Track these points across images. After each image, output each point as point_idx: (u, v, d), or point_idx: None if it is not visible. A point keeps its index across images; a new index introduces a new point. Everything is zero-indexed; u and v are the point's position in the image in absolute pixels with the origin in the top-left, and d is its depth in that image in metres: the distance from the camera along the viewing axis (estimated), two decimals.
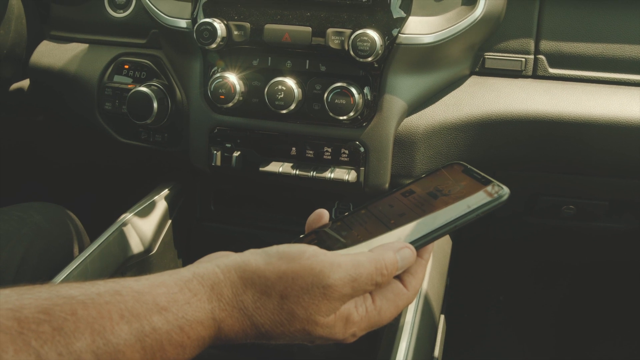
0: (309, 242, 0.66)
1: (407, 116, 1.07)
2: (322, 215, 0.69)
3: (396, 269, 0.62)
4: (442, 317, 1.09)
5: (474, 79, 1.10)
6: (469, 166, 0.71)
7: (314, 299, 0.58)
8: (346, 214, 0.70)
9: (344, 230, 0.68)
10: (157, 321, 0.53)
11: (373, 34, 0.98)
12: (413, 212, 0.67)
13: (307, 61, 1.05)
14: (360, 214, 0.70)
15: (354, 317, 0.60)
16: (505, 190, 0.65)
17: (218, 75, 1.06)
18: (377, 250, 0.62)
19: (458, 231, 1.23)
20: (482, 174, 0.69)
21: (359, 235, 0.66)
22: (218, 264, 0.59)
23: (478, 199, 0.65)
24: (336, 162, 1.08)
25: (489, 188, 0.67)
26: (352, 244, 0.65)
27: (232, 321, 0.57)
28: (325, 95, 1.03)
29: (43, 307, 0.48)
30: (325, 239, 0.67)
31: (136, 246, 1.16)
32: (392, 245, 0.63)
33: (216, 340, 0.58)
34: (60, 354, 0.47)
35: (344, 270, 0.59)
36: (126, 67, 1.21)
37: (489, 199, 0.65)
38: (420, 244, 0.65)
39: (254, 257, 0.60)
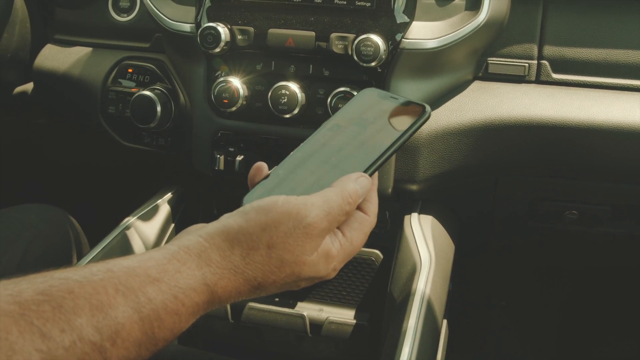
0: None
1: None
2: (262, 167, 0.72)
3: (358, 196, 0.67)
4: (445, 321, 1.09)
5: (477, 84, 1.10)
6: (382, 90, 0.76)
7: (297, 240, 0.62)
8: (281, 163, 0.72)
9: (290, 177, 0.70)
10: (151, 292, 0.55)
11: (376, 38, 0.98)
12: (350, 145, 0.71)
13: (311, 66, 1.05)
14: (296, 158, 0.72)
15: (333, 251, 0.65)
16: (427, 107, 0.72)
17: (222, 79, 1.06)
18: (339, 184, 0.66)
19: (460, 236, 1.23)
20: (397, 95, 0.74)
21: (307, 178, 0.70)
22: (200, 234, 0.61)
23: (406, 120, 0.71)
24: None
25: (411, 108, 0.73)
26: (305, 187, 0.68)
27: (225, 282, 0.60)
28: (329, 99, 1.03)
29: (41, 289, 0.50)
30: (279, 188, 0.70)
31: (139, 250, 1.17)
32: (349, 176, 0.67)
33: (210, 304, 0.60)
34: (62, 330, 0.48)
35: (318, 207, 0.63)
36: (130, 71, 1.21)
37: (415, 117, 0.71)
38: (370, 172, 0.69)
39: (232, 219, 0.62)
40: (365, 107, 0.75)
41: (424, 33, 1.01)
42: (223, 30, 1.04)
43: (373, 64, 0.99)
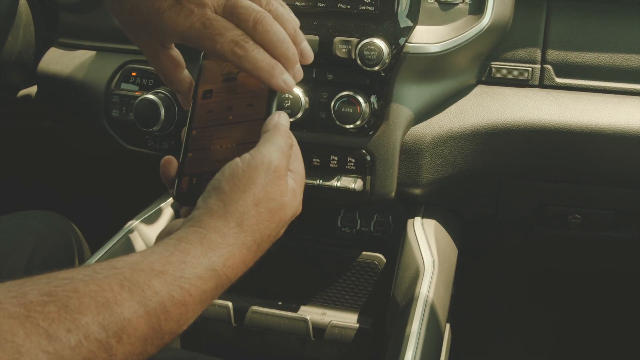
0: (195, 181, 0.71)
1: (413, 125, 1.07)
2: (170, 159, 0.72)
3: (287, 129, 0.68)
4: (448, 326, 1.09)
5: (480, 88, 1.10)
6: None
7: (274, 186, 0.64)
8: (182, 149, 0.73)
9: (206, 155, 0.71)
10: (157, 284, 0.55)
11: (380, 43, 0.98)
12: (237, 101, 0.72)
13: (314, 70, 1.05)
14: (194, 136, 0.72)
15: (294, 186, 0.67)
16: None
17: None
18: (270, 125, 0.68)
19: (464, 241, 1.23)
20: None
21: (225, 146, 0.70)
22: (191, 223, 0.62)
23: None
24: (342, 171, 1.08)
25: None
26: (228, 155, 0.68)
27: (231, 261, 0.60)
28: (332, 103, 1.03)
29: (46, 290, 0.50)
30: (203, 169, 0.70)
31: None
32: (271, 117, 0.69)
33: (219, 289, 0.60)
34: (68, 330, 0.48)
35: (274, 150, 0.65)
36: (133, 74, 1.21)
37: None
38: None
39: (211, 200, 0.63)
40: (218, 66, 0.74)
41: (427, 37, 1.02)
42: None
43: (376, 68, 0.99)
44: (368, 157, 1.06)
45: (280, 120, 0.68)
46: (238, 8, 0.67)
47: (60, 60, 1.29)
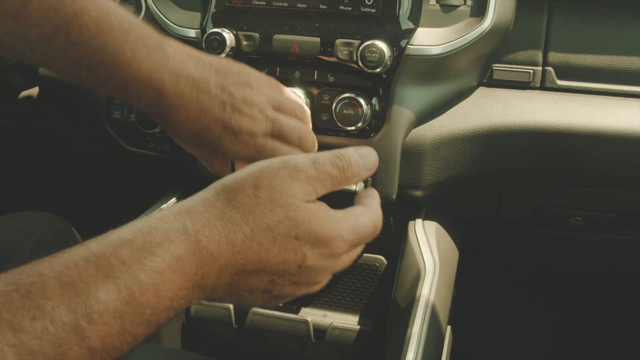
0: None
1: (414, 127, 1.07)
2: None
3: (356, 160, 0.65)
4: (449, 327, 1.09)
5: (482, 90, 1.10)
6: None
7: (285, 181, 0.58)
8: None
9: None
10: (124, 253, 0.50)
11: (382, 45, 0.98)
12: None
13: (316, 72, 1.05)
14: None
15: (332, 213, 0.61)
16: None
17: None
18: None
19: (465, 243, 1.23)
20: None
21: None
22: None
23: None
24: None
25: None
26: None
27: (209, 230, 0.55)
28: (334, 105, 1.03)
29: (11, 279, 0.47)
30: None
31: None
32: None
33: (198, 259, 0.54)
34: (33, 318, 0.44)
35: (304, 155, 0.62)
36: None
37: None
38: None
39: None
40: None
41: (428, 39, 1.02)
42: (228, 35, 1.04)
43: (378, 70, 0.99)
44: None
45: (348, 149, 0.66)
46: (284, 130, 0.82)
47: None
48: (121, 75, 0.76)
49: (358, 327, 1.16)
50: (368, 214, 0.67)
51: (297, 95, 0.99)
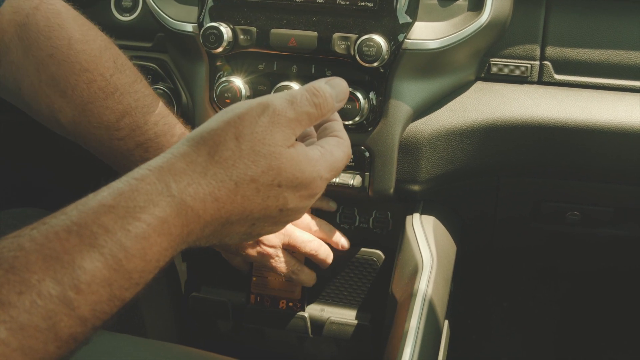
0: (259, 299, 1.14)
1: (412, 121, 1.07)
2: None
3: (330, 95, 0.64)
4: (447, 322, 1.09)
5: (479, 85, 1.10)
6: None
7: (265, 128, 0.58)
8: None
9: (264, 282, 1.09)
10: (107, 221, 0.50)
11: (379, 39, 0.98)
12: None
13: (313, 66, 1.05)
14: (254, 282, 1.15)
15: (312, 153, 0.62)
16: None
17: (224, 79, 1.06)
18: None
19: (463, 238, 1.23)
20: None
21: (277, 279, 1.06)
22: (167, 150, 0.58)
23: None
24: None
25: None
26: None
27: (194, 189, 0.54)
28: None
29: None
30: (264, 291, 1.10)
31: None
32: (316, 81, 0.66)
33: (185, 219, 0.54)
34: (20, 292, 0.44)
35: (280, 96, 0.60)
36: None
37: None
38: None
39: (193, 131, 0.59)
40: None
41: (426, 33, 1.01)
42: (225, 30, 1.04)
43: (375, 64, 0.99)
44: (367, 154, 1.06)
45: (318, 81, 0.65)
46: (297, 244, 1.06)
47: None
48: None
49: (356, 321, 1.16)
50: (341, 146, 0.67)
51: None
